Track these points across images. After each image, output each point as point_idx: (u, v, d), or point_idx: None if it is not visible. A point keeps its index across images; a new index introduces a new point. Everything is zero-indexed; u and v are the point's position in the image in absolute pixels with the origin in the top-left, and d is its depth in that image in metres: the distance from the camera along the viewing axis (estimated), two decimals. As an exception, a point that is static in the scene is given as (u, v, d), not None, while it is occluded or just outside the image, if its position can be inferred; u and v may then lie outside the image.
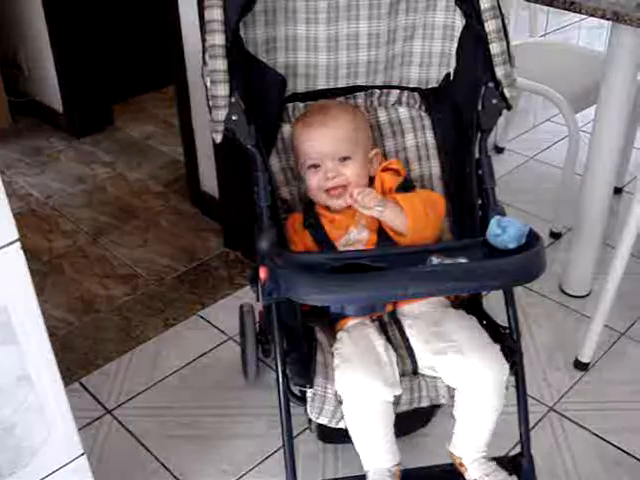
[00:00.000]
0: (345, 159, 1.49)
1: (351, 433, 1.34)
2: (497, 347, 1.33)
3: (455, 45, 1.56)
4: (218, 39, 1.34)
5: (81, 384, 2.02)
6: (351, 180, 1.48)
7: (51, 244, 2.60)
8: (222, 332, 2.16)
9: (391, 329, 1.43)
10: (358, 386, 1.31)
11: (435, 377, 1.37)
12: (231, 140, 1.39)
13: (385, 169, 1.54)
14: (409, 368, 1.39)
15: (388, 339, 1.41)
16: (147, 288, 2.36)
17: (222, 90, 1.35)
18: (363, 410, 1.32)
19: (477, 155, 1.43)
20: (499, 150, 3.06)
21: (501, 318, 1.44)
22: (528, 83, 2.35)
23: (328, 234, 1.49)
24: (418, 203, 1.45)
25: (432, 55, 1.60)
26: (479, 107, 1.44)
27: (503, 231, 1.21)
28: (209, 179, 2.58)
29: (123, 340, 2.16)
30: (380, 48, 1.57)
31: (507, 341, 1.37)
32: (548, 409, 1.88)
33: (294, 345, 1.35)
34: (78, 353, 2.12)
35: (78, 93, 3.26)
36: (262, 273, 1.25)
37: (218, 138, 1.39)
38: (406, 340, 1.41)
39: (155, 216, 2.73)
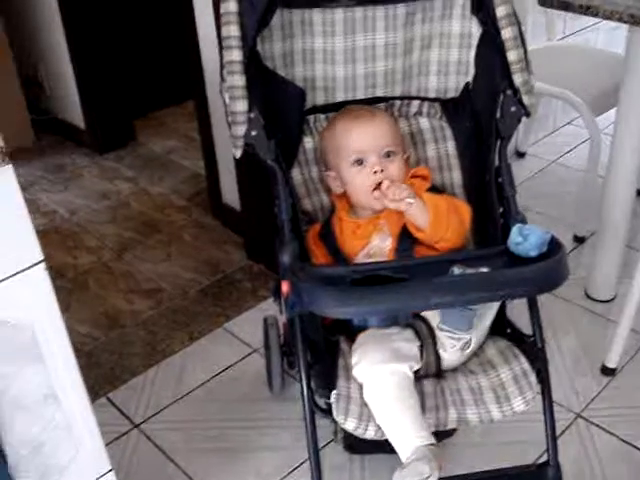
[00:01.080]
0: (389, 154, 1.49)
1: (377, 418, 1.30)
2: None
3: (473, 53, 1.56)
4: (236, 55, 1.35)
5: (108, 399, 2.03)
6: (395, 177, 1.48)
7: (76, 261, 2.63)
8: (247, 345, 2.17)
9: (417, 325, 1.42)
10: (370, 360, 1.32)
11: (459, 385, 1.37)
12: (252, 154, 1.40)
13: (414, 176, 1.54)
14: (432, 362, 1.38)
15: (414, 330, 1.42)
16: (171, 302, 2.38)
17: (241, 106, 1.36)
18: (380, 386, 1.31)
19: (497, 163, 1.43)
20: (520, 155, 3.05)
21: (524, 323, 1.44)
22: (547, 87, 2.34)
23: (341, 245, 1.49)
24: (442, 203, 1.45)
25: (449, 64, 1.60)
26: (498, 115, 1.44)
27: (524, 239, 1.20)
28: (230, 192, 2.60)
29: (149, 354, 2.17)
30: (397, 58, 1.58)
31: (532, 349, 1.36)
32: (575, 416, 1.87)
33: (317, 357, 1.35)
34: (104, 368, 2.14)
35: (100, 109, 3.30)
36: (284, 287, 1.26)
37: (238, 153, 1.39)
38: (431, 332, 1.40)
39: (178, 230, 2.75)
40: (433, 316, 1.31)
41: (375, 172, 1.47)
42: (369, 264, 1.36)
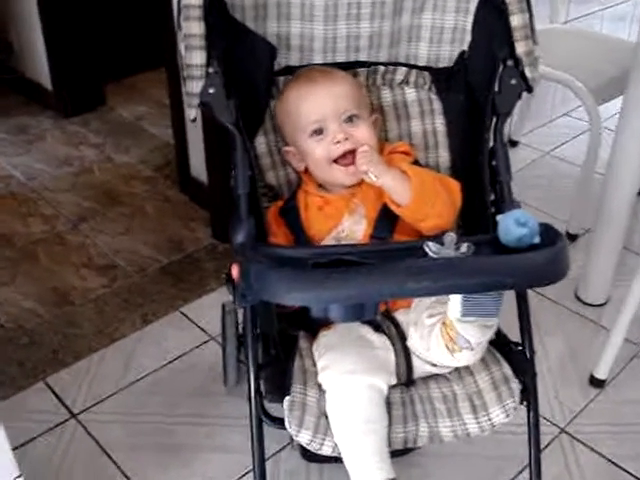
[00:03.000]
0: (351, 119, 1.30)
1: (336, 436, 1.13)
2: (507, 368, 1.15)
3: (470, 19, 1.37)
4: (194, -1, 1.15)
5: (46, 384, 1.83)
6: (364, 142, 1.29)
7: (27, 229, 2.42)
8: (204, 332, 1.97)
9: (386, 325, 1.24)
10: (343, 368, 1.13)
11: (431, 393, 1.18)
12: (209, 116, 1.21)
13: (392, 152, 1.35)
14: (402, 372, 1.20)
15: (382, 332, 1.23)
16: (126, 280, 2.18)
17: (198, 58, 1.17)
18: (350, 400, 1.12)
19: (491, 144, 1.24)
20: (513, 143, 2.86)
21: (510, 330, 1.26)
22: (549, 71, 2.15)
23: (305, 224, 1.31)
24: (427, 174, 1.28)
25: (444, 30, 1.41)
26: (495, 88, 1.24)
27: (523, 225, 1.00)
28: (199, 164, 2.40)
29: (96, 336, 1.98)
30: (385, 20, 1.38)
31: (519, 360, 1.18)
32: (559, 430, 1.70)
33: (271, 357, 1.16)
34: (46, 349, 1.94)
35: (68, 71, 3.07)
36: (234, 271, 1.07)
37: (192, 114, 1.20)
38: (402, 336, 1.22)
39: (141, 202, 2.55)
40: (451, 307, 1.08)
41: (338, 141, 1.28)
42: (334, 246, 1.17)
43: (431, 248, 0.98)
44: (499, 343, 1.21)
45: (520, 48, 1.23)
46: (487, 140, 1.24)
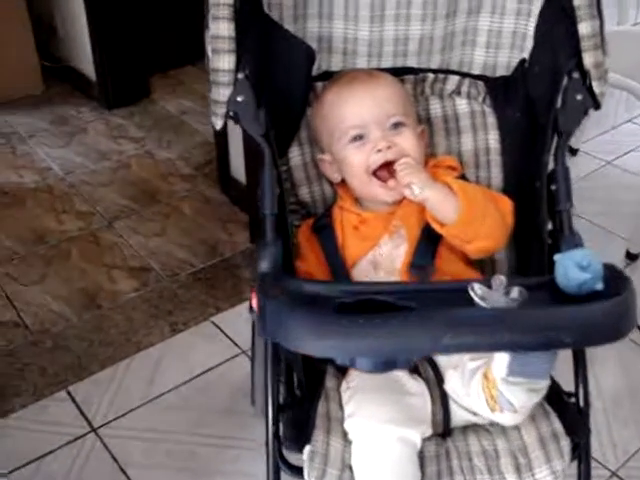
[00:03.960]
0: (397, 126, 1.18)
1: None
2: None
3: (532, 23, 1.23)
4: (224, -4, 1.04)
5: (68, 393, 1.76)
6: (409, 153, 1.16)
7: (61, 226, 2.35)
8: (235, 344, 1.87)
9: (423, 367, 1.12)
10: (372, 416, 1.01)
11: (469, 446, 1.05)
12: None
13: (436, 166, 1.23)
14: (439, 421, 1.07)
15: (419, 374, 1.10)
16: (158, 285, 2.09)
17: (226, 62, 1.05)
18: (379, 454, 1.00)
19: (551, 166, 1.10)
20: (572, 151, 2.69)
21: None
22: (615, 78, 1.98)
23: (340, 245, 1.18)
24: (476, 189, 1.15)
25: (502, 34, 1.27)
26: (558, 104, 1.10)
27: (584, 268, 0.86)
28: (239, 164, 2.29)
29: (123, 344, 1.89)
30: (437, 21, 1.25)
31: (571, 413, 1.04)
32: (611, 474, 1.55)
33: (293, 399, 1.05)
34: (71, 355, 1.86)
35: (113, 61, 2.99)
36: (254, 302, 0.96)
37: (218, 124, 1.09)
38: (440, 379, 1.09)
39: (179, 202, 2.46)
40: (496, 363, 0.96)
41: (379, 150, 1.15)
42: (365, 284, 1.05)
43: (477, 292, 0.85)
44: (549, 392, 1.07)
45: (588, 59, 1.08)
46: (546, 162, 1.10)
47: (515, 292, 0.85)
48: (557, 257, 0.89)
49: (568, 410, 1.05)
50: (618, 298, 0.82)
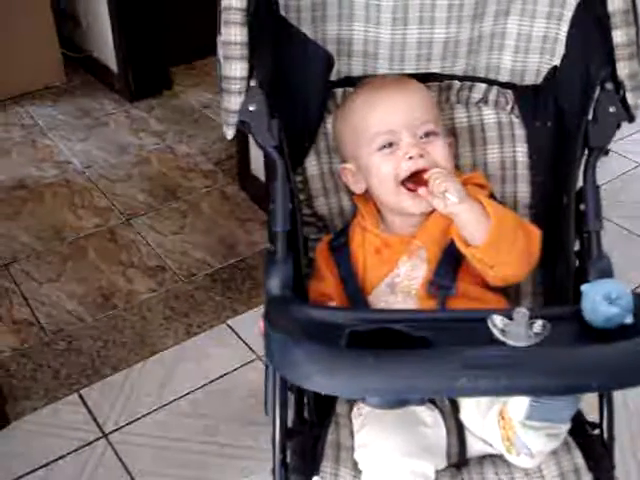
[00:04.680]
0: (429, 134, 1.11)
1: None
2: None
3: (564, 28, 1.16)
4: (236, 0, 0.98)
5: (80, 396, 1.73)
6: (440, 163, 1.09)
7: (79, 222, 2.33)
8: (250, 349, 1.83)
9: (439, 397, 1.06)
10: (385, 447, 0.96)
11: (485, 479, 1.00)
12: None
13: (465, 183, 1.14)
14: (454, 452, 1.02)
15: (434, 403, 1.05)
16: (174, 285, 2.06)
17: (237, 70, 1.00)
18: None
19: (580, 183, 1.04)
20: (605, 152, 2.60)
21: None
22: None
23: (358, 267, 1.12)
24: (508, 214, 1.08)
25: (532, 38, 1.20)
26: (590, 116, 1.04)
27: (612, 301, 0.80)
28: (259, 161, 2.25)
29: (137, 346, 1.86)
30: (463, 24, 1.18)
31: (594, 446, 0.99)
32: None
33: (303, 423, 1.00)
34: (84, 357, 1.84)
35: (135, 51, 2.96)
36: (261, 325, 0.91)
37: (229, 133, 1.04)
38: (456, 408, 1.03)
39: (198, 198, 2.42)
40: (513, 404, 0.90)
41: (411, 157, 1.09)
42: (378, 311, 0.99)
43: (497, 324, 0.79)
44: (572, 425, 1.01)
45: (623, 70, 1.02)
46: (576, 178, 1.04)
47: (538, 326, 0.79)
48: (584, 288, 0.83)
49: (592, 443, 0.99)
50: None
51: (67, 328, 1.92)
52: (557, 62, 1.18)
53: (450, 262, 1.09)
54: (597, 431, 1.01)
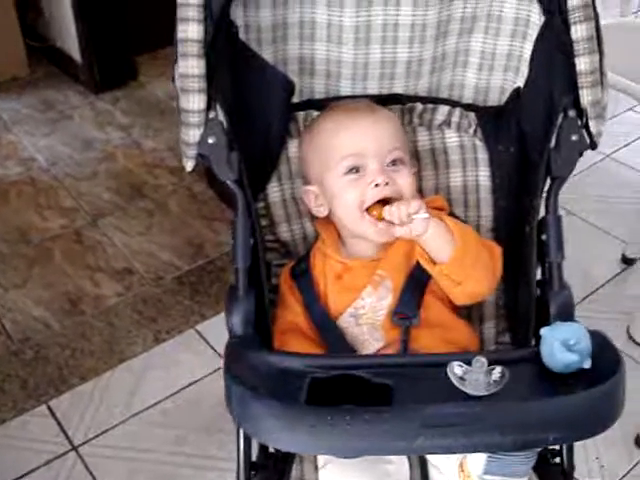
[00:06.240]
0: (396, 162, 1.10)
1: None
2: None
3: (528, 46, 1.15)
4: (193, 31, 0.97)
5: (49, 408, 1.72)
6: (405, 193, 1.09)
7: (45, 223, 2.29)
8: (219, 355, 1.83)
9: None
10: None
11: None
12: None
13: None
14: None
15: None
16: (141, 289, 2.04)
17: (195, 102, 0.98)
18: None
19: (542, 213, 1.04)
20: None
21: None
22: (613, 78, 1.90)
23: (320, 294, 1.12)
24: (469, 231, 1.09)
25: (495, 56, 1.19)
26: (552, 143, 1.03)
27: (570, 348, 0.81)
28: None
29: (105, 354, 1.85)
30: (426, 43, 1.17)
31: (553, 476, 1.00)
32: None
33: (268, 458, 1.00)
34: (52, 366, 1.82)
35: (98, 41, 2.88)
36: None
37: (189, 166, 1.04)
38: None
39: (165, 197, 2.39)
40: (471, 459, 0.90)
41: (377, 185, 1.07)
42: (340, 357, 0.98)
43: (455, 372, 0.80)
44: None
45: (586, 97, 1.01)
46: (537, 206, 1.04)
47: (496, 373, 0.80)
48: (543, 332, 0.84)
49: (550, 473, 1.00)
50: (606, 385, 0.77)
51: (34, 337, 1.91)
52: (521, 83, 1.17)
53: (415, 288, 1.09)
54: (557, 459, 1.02)
